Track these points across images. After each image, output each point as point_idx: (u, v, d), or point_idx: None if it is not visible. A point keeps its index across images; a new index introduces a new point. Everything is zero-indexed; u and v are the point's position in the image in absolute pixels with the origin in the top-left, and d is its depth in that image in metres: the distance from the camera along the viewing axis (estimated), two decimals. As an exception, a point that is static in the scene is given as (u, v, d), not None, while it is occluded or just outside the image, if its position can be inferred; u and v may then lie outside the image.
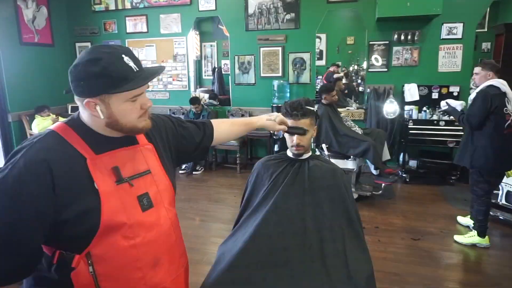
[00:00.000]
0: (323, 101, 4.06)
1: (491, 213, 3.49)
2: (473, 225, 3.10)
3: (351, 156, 3.92)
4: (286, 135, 1.67)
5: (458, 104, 3.16)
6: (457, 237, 3.11)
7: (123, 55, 0.95)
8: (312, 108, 1.65)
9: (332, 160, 2.79)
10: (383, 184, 4.22)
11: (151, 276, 1.05)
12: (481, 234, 2.98)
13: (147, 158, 1.10)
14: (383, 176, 4.49)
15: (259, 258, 1.44)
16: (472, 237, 3.03)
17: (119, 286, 1.00)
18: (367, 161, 4.11)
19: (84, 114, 1.01)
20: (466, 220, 3.36)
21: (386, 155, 4.14)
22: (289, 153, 1.74)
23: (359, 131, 4.04)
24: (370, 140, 3.76)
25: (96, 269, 0.96)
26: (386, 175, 4.52)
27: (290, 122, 1.61)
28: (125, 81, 0.94)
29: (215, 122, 1.42)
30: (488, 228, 3.00)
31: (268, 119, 1.45)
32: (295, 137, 1.63)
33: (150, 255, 1.05)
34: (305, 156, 1.70)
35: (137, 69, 0.97)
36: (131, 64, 0.96)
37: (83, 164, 0.96)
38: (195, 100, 5.22)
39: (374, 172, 4.52)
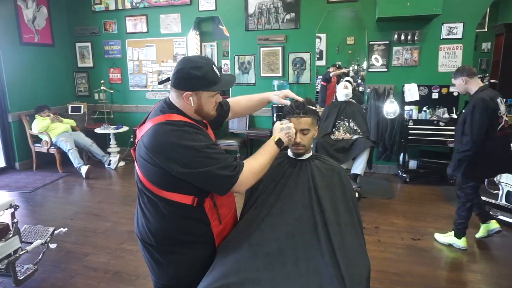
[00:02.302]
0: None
1: (490, 213, 3.50)
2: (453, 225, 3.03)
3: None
4: None
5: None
6: (437, 235, 3.12)
7: (213, 65, 1.36)
8: (313, 108, 1.65)
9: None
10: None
11: (233, 200, 1.62)
12: (458, 236, 2.96)
13: (212, 136, 1.50)
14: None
15: (268, 260, 1.44)
16: (450, 237, 3.02)
17: (226, 210, 1.53)
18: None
19: (178, 103, 1.39)
20: (447, 239, 3.09)
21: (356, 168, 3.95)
22: (290, 153, 1.74)
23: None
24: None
25: (216, 202, 1.45)
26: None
27: (292, 120, 1.62)
28: (214, 84, 1.35)
29: (233, 100, 1.83)
30: (467, 229, 2.96)
31: (274, 94, 1.78)
32: (297, 136, 1.62)
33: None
34: (306, 156, 1.69)
35: (220, 75, 1.38)
36: (217, 72, 1.36)
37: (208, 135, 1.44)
38: None
39: None
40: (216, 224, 1.47)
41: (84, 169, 5.05)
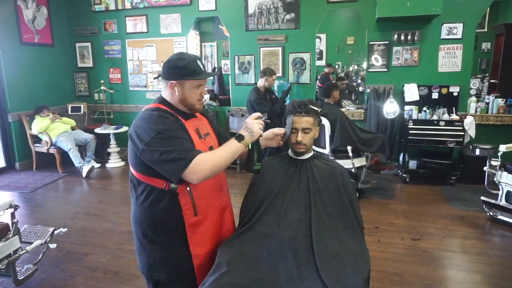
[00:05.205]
0: (329, 100, 4.05)
1: (491, 213, 3.50)
2: None
3: (365, 153, 3.94)
4: (290, 134, 1.68)
5: None
6: None
7: (197, 60, 1.48)
8: (316, 108, 1.65)
9: (338, 161, 2.75)
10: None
11: (220, 197, 1.61)
12: None
13: (205, 125, 1.62)
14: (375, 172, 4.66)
15: (273, 262, 1.45)
16: None
17: (205, 203, 1.51)
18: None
19: (166, 93, 1.51)
20: None
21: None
22: (291, 152, 1.74)
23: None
24: (381, 135, 4.01)
25: (192, 192, 1.45)
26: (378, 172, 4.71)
27: (294, 119, 1.63)
28: (196, 74, 1.45)
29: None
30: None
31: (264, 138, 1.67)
32: (299, 134, 1.63)
33: (217, 183, 1.59)
34: (307, 156, 1.70)
35: (203, 69, 1.49)
36: (200, 65, 1.48)
37: (183, 125, 1.46)
38: None
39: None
40: (189, 212, 1.47)
41: (85, 169, 5.04)
